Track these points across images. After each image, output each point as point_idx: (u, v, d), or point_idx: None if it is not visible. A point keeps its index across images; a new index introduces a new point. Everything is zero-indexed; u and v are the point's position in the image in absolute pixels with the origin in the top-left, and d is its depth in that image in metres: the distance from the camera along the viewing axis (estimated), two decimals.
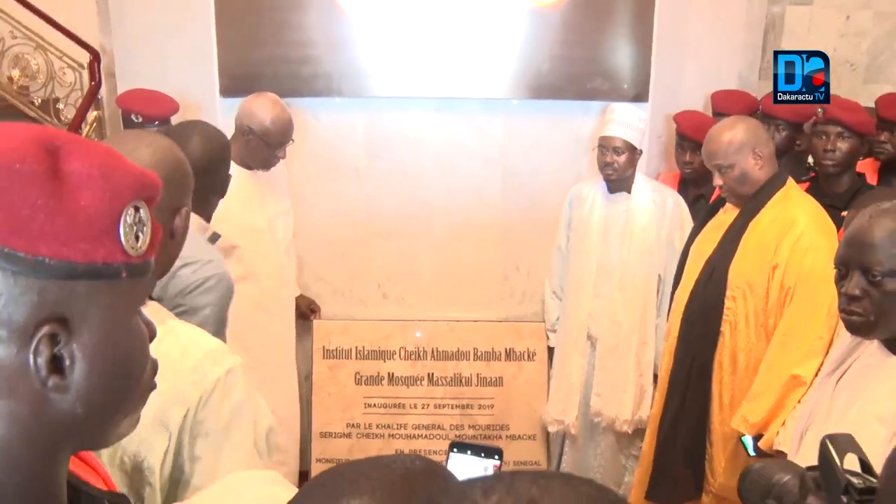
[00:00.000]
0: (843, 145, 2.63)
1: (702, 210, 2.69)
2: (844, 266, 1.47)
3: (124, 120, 3.01)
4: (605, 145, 2.81)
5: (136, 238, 0.58)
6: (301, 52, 3.02)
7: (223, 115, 2.85)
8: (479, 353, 3.25)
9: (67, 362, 0.55)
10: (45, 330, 0.53)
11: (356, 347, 3.24)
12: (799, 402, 2.06)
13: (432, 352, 3.24)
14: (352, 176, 3.21)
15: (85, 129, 3.79)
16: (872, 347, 1.50)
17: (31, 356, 0.53)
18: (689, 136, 2.92)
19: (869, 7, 4.54)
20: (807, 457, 1.64)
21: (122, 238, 0.57)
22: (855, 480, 0.70)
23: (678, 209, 2.87)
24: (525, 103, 3.09)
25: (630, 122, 2.80)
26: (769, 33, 3.76)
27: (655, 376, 2.85)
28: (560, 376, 3.02)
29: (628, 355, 2.89)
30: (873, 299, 1.41)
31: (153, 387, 0.64)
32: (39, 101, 4.45)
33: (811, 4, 4.53)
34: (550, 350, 3.20)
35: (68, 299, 0.54)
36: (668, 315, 2.68)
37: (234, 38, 2.99)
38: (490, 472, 0.82)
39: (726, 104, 3.04)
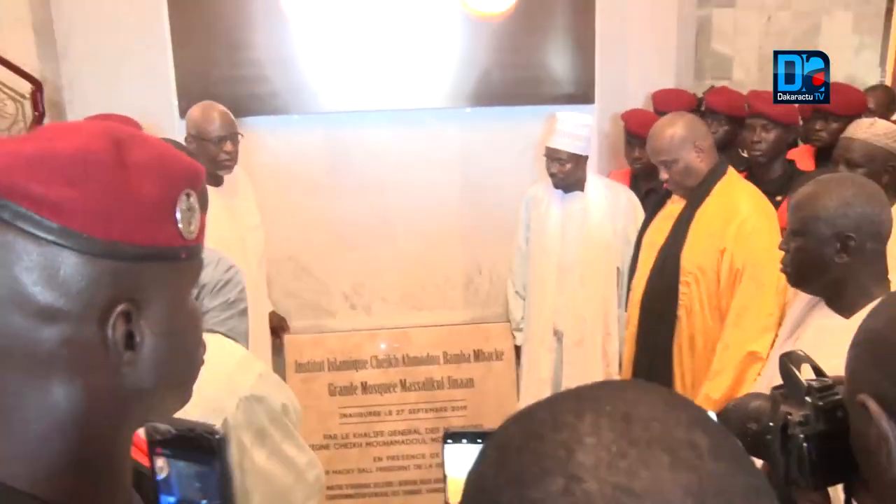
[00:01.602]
0: (767, 136, 2.79)
1: (653, 203, 2.84)
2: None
3: None
4: (549, 156, 2.93)
5: (189, 223, 0.63)
6: (256, 71, 3.08)
7: (182, 138, 2.88)
8: (448, 357, 3.32)
9: (138, 339, 0.59)
10: (120, 308, 0.58)
11: (328, 359, 3.28)
12: (759, 374, 2.19)
13: (403, 358, 3.30)
14: (313, 191, 3.27)
15: None
16: (823, 310, 1.64)
17: (110, 332, 0.58)
18: (636, 134, 3.07)
19: (788, 8, 4.82)
20: None
21: (179, 223, 0.62)
22: (814, 383, 0.82)
23: (631, 204, 3.01)
24: (478, 111, 3.20)
25: (572, 131, 2.90)
26: (700, 34, 3.97)
27: (621, 365, 2.98)
28: (530, 372, 3.11)
29: (594, 347, 3.00)
30: (790, 254, 1.62)
31: (202, 363, 0.69)
32: None
33: (734, 7, 4.79)
34: (517, 348, 3.29)
35: (137, 280, 0.59)
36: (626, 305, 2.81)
37: (190, 61, 3.03)
38: None
39: (667, 102, 3.19)
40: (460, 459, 0.80)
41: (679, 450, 0.39)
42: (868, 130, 2.39)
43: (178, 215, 0.62)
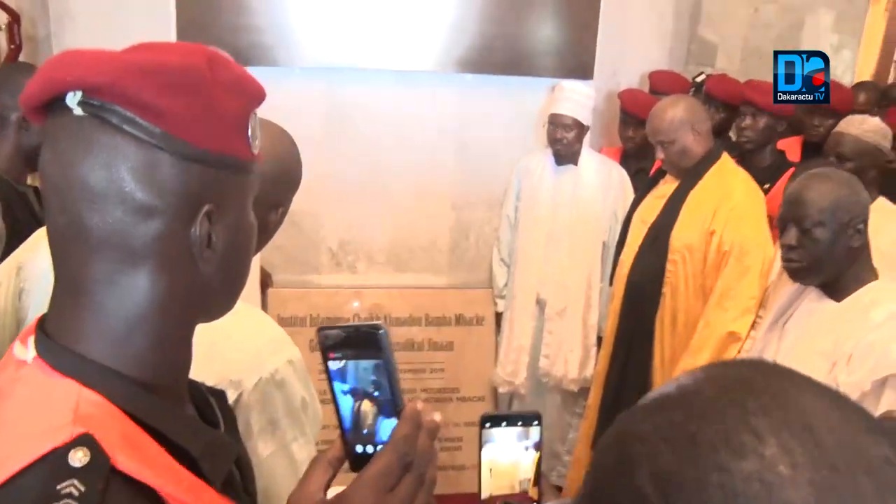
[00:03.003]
0: (756, 124, 2.86)
1: (642, 182, 2.89)
2: (783, 222, 1.73)
3: None
4: (554, 122, 2.97)
5: (256, 138, 0.68)
6: (259, 20, 3.03)
7: None
8: (430, 319, 3.36)
9: (214, 239, 0.65)
10: (206, 209, 0.63)
11: (311, 315, 3.29)
12: (739, 352, 2.29)
13: (385, 318, 3.33)
14: (307, 145, 3.18)
15: None
16: (813, 294, 1.73)
17: (198, 229, 0.63)
18: (632, 113, 3.12)
19: (775, 1, 4.90)
20: None
21: (250, 138, 0.67)
22: None
23: (622, 181, 3.07)
24: (477, 78, 3.20)
25: (578, 99, 2.97)
26: (690, 21, 4.02)
27: (598, 338, 3.06)
28: (510, 339, 3.17)
29: (575, 318, 3.07)
30: (806, 248, 1.67)
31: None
32: None
33: None
34: (497, 315, 3.35)
35: (218, 187, 0.64)
36: (610, 279, 2.88)
37: (193, 6, 2.96)
38: (533, 439, 0.80)
39: (663, 84, 3.25)
40: (503, 443, 0.80)
41: (879, 471, 0.36)
42: (859, 127, 2.49)
43: (249, 131, 0.67)
